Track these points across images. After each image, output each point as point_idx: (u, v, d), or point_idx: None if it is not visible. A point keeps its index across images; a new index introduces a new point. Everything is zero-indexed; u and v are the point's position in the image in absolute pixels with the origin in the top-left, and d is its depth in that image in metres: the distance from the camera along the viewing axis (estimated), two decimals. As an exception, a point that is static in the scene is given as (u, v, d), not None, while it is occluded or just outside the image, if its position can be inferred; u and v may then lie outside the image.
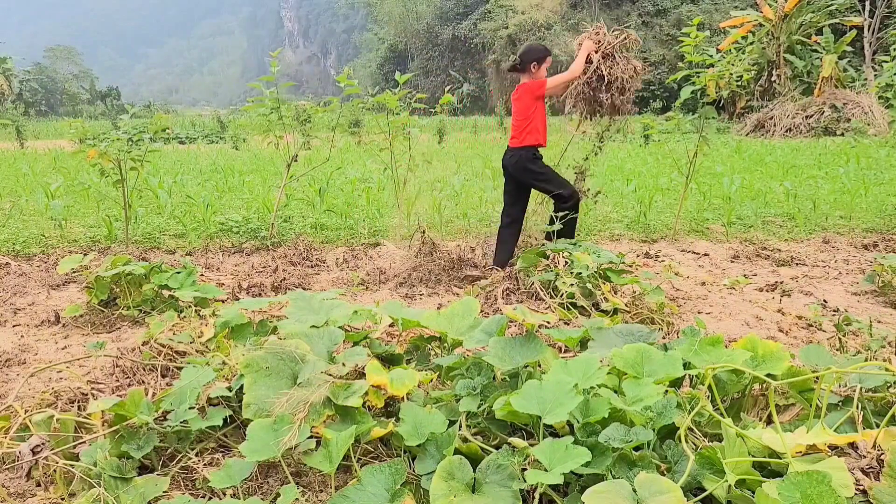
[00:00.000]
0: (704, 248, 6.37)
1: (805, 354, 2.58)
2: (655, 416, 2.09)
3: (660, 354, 2.40)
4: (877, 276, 4.87)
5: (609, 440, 2.01)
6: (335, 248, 6.45)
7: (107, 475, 2.15)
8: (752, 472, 1.86)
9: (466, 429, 2.29)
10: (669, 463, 1.99)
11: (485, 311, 4.24)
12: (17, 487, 2.24)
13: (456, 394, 2.43)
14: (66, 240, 6.59)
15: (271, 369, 2.39)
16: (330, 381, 2.31)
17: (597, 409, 2.13)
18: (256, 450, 2.06)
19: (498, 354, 2.52)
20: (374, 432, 2.25)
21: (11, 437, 2.35)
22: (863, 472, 1.99)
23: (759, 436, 1.95)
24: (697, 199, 8.56)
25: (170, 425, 2.36)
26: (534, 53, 5.10)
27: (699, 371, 2.37)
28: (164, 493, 2.13)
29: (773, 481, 1.72)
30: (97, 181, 9.05)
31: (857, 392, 2.30)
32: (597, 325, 2.92)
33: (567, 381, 2.18)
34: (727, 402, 2.48)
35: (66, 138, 19.66)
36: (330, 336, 2.69)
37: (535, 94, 5.04)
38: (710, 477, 1.88)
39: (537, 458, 1.92)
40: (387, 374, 2.41)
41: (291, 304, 3.07)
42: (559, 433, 2.18)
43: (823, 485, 1.57)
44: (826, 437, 1.94)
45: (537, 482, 1.86)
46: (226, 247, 6.46)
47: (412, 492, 2.00)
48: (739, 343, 2.46)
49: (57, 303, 4.64)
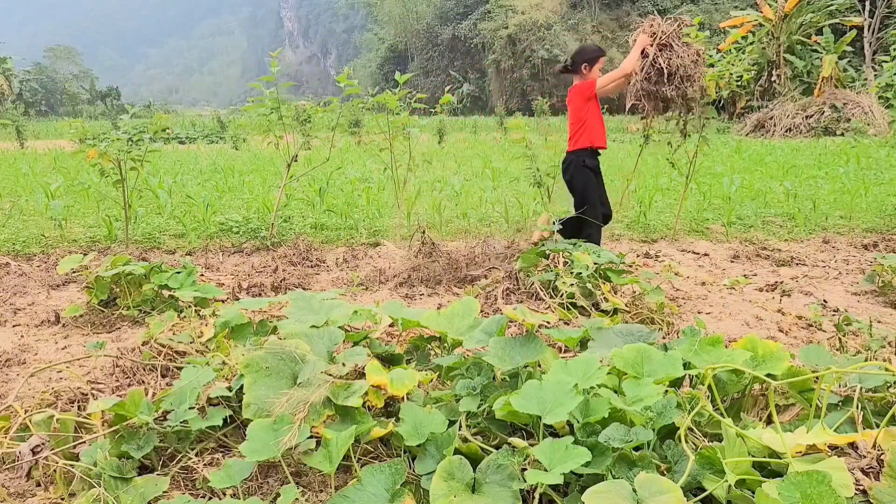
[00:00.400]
0: (704, 248, 6.37)
1: (805, 354, 2.58)
2: (655, 416, 2.09)
3: (660, 354, 2.40)
4: (876, 275, 4.87)
5: (609, 440, 2.01)
6: (335, 248, 6.45)
7: (107, 475, 2.15)
8: (751, 472, 1.87)
9: (466, 429, 2.29)
10: (669, 463, 1.99)
11: (485, 311, 4.24)
12: (17, 487, 2.24)
13: (456, 394, 2.43)
14: (66, 240, 6.59)
15: (271, 369, 2.39)
16: (330, 381, 2.31)
17: (597, 409, 2.13)
18: (256, 450, 2.06)
19: (498, 354, 2.52)
20: (374, 432, 2.25)
21: (11, 437, 2.35)
22: (863, 471, 1.99)
23: (759, 436, 1.95)
24: (697, 199, 8.56)
25: (170, 425, 2.36)
26: (586, 54, 5.03)
27: (699, 371, 2.37)
28: (164, 493, 2.13)
29: (773, 481, 1.72)
30: (97, 181, 9.05)
31: (856, 392, 2.30)
32: (597, 325, 2.92)
33: (567, 381, 2.18)
34: (727, 402, 2.48)
35: (67, 138, 19.66)
36: (330, 336, 2.69)
37: (585, 95, 4.96)
38: (710, 477, 1.88)
39: (537, 458, 1.92)
40: (387, 374, 2.41)
41: (291, 304, 3.07)
42: (559, 433, 2.18)
43: (823, 485, 1.57)
44: (826, 438, 1.94)
45: (537, 482, 1.86)
46: (226, 247, 6.46)
47: (412, 492, 2.00)
48: (739, 343, 2.46)
49: (57, 303, 4.64)
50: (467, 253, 5.54)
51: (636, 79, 5.11)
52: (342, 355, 2.58)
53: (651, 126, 5.96)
